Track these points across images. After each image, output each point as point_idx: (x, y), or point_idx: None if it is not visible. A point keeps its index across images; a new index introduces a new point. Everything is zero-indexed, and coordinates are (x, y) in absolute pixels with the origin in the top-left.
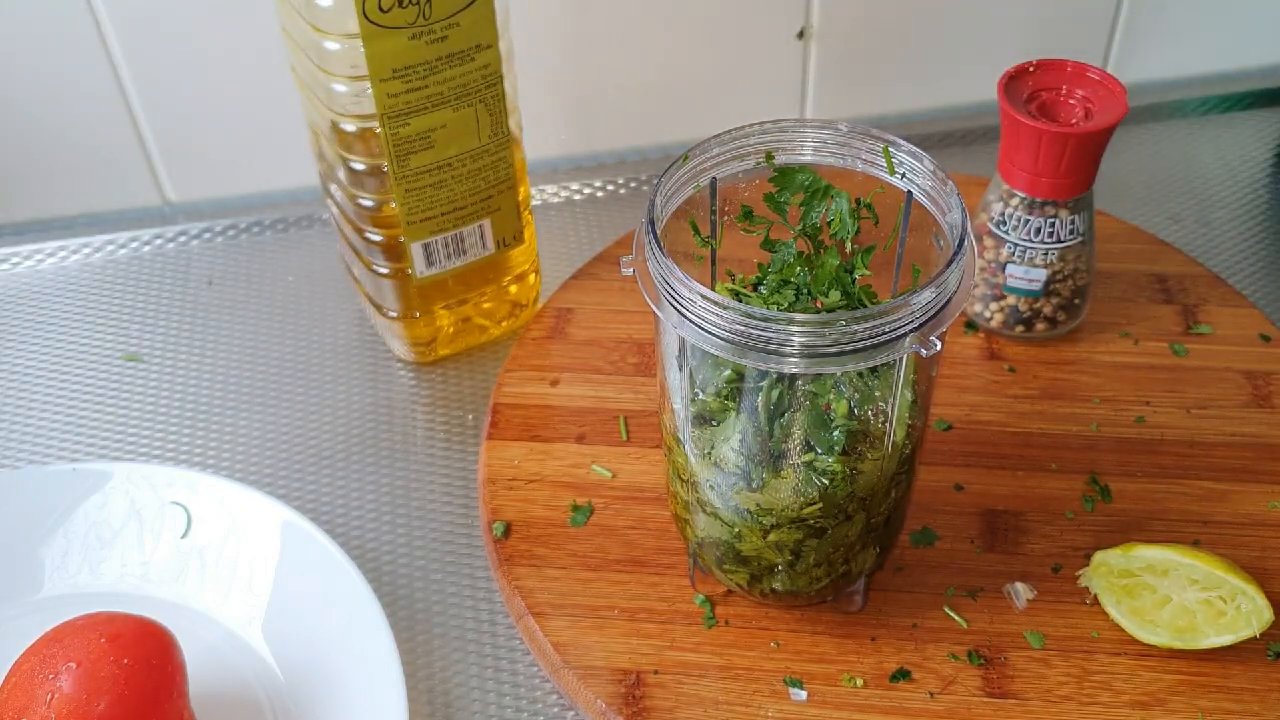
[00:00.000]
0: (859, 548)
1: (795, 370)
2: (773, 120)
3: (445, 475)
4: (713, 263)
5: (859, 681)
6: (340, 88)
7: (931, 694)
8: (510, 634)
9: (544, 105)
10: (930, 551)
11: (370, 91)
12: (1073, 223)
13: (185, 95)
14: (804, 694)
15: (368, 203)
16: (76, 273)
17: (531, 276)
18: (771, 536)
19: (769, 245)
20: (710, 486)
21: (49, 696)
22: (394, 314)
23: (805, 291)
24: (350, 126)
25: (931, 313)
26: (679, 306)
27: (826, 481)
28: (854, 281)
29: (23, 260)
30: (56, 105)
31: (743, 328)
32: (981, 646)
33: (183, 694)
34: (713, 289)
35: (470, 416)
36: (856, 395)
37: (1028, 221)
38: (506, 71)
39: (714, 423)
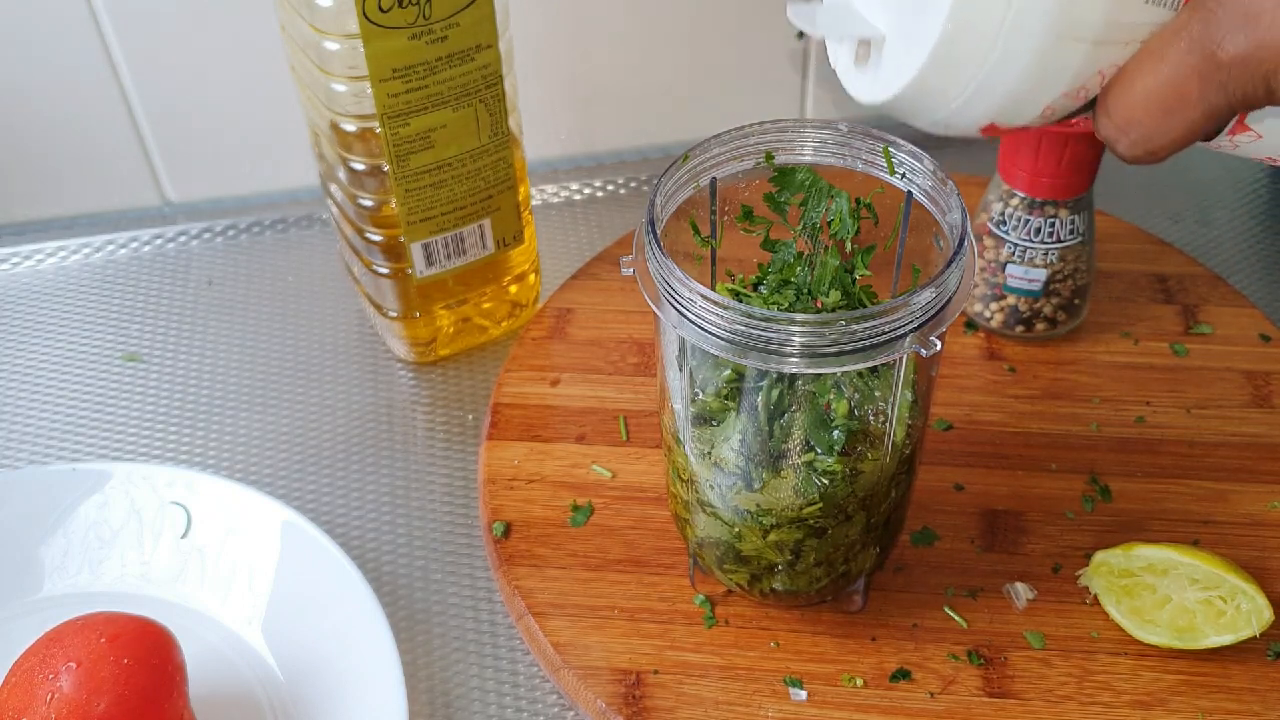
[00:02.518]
0: (859, 548)
1: (795, 370)
2: (773, 120)
3: (445, 475)
4: (713, 263)
5: (859, 681)
6: (340, 88)
7: (931, 694)
8: (510, 634)
9: (544, 105)
10: (930, 551)
11: (370, 91)
12: (1073, 223)
13: (185, 95)
14: (804, 694)
15: (368, 203)
16: (76, 273)
17: (531, 276)
18: (771, 536)
19: (769, 245)
20: (710, 486)
21: (49, 696)
22: (394, 314)
23: (805, 291)
24: (350, 126)
25: (931, 313)
26: (679, 306)
27: (826, 481)
28: (854, 281)
29: (23, 260)
30: (56, 105)
31: (743, 328)
32: (981, 646)
33: (183, 694)
34: (713, 289)
35: (470, 416)
36: (856, 395)
37: (1028, 221)
38: (506, 71)
39: (714, 423)
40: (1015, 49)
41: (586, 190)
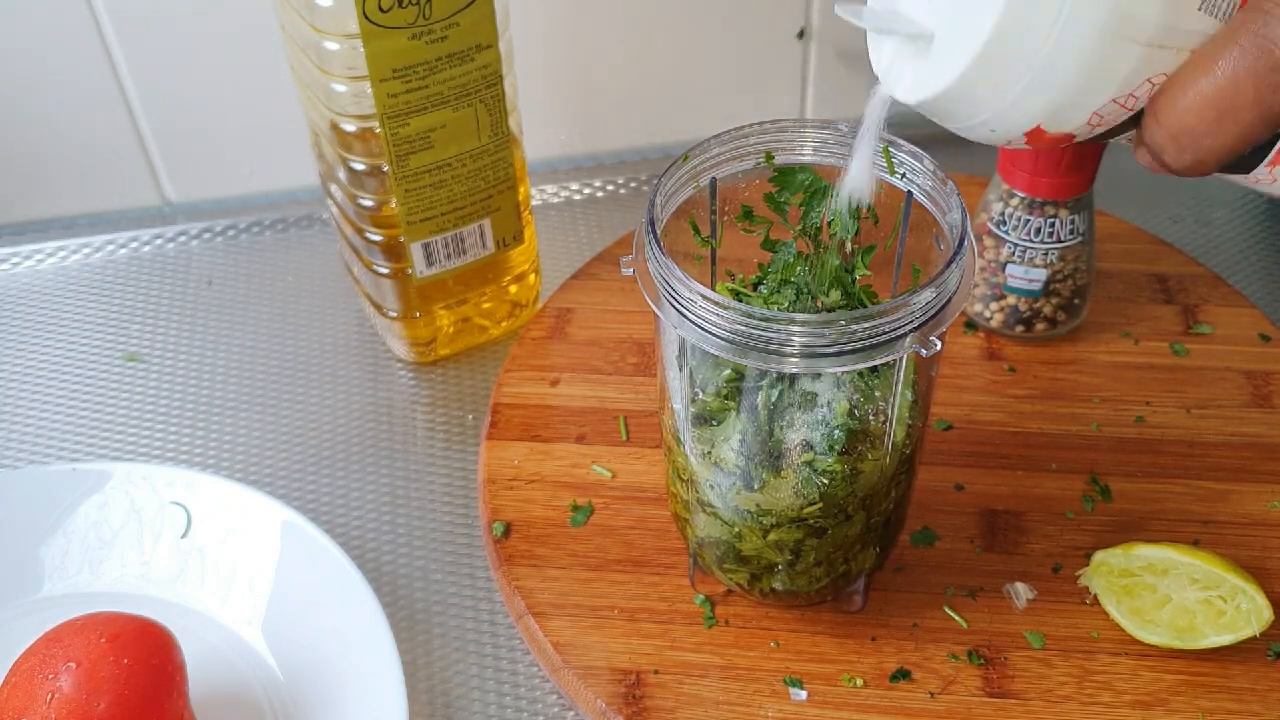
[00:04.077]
0: (859, 547)
1: (795, 370)
2: (773, 120)
3: (445, 475)
4: (713, 263)
5: (859, 681)
6: (340, 88)
7: (931, 694)
8: (510, 634)
9: (544, 105)
10: (930, 551)
11: (370, 91)
12: (1073, 223)
13: (185, 95)
14: (804, 694)
15: (368, 203)
16: (76, 273)
17: (531, 276)
18: (771, 536)
19: (769, 245)
20: (710, 486)
21: (49, 696)
22: (394, 314)
23: (805, 291)
24: (350, 126)
25: (931, 313)
26: (679, 306)
27: (826, 481)
28: (854, 281)
29: (23, 260)
30: (56, 105)
31: (743, 328)
32: (981, 646)
33: (183, 694)
34: (713, 289)
35: (470, 416)
36: (856, 395)
37: (1028, 221)
38: (506, 71)
39: (714, 423)
40: (1068, 45)
41: (586, 190)
